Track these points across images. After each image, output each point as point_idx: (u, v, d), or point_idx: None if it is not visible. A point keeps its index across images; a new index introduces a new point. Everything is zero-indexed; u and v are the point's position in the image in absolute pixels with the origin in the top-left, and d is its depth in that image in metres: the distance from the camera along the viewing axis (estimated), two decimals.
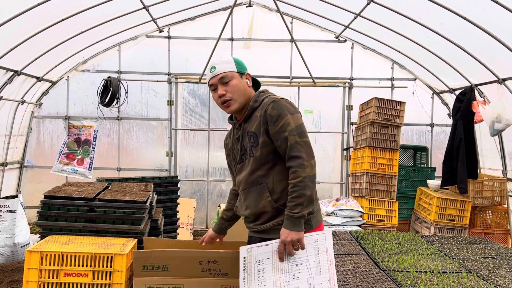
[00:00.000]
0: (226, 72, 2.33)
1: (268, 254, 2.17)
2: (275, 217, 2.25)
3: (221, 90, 2.32)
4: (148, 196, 4.00)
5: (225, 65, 2.35)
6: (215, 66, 2.35)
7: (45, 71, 6.51)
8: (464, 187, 5.92)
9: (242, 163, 2.37)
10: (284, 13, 6.79)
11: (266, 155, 2.24)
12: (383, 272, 3.66)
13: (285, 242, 2.12)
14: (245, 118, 2.34)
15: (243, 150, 2.35)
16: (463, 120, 5.99)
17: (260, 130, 2.25)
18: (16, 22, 4.72)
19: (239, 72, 2.36)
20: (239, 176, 2.39)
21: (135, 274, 2.86)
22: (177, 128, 7.39)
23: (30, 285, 3.19)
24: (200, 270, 2.81)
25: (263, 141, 2.24)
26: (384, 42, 6.76)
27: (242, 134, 2.35)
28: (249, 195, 2.32)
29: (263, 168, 2.26)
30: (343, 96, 7.42)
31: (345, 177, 7.41)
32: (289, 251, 2.13)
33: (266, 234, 2.29)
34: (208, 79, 2.40)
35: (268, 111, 2.21)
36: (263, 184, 2.26)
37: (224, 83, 2.33)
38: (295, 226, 2.13)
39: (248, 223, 2.41)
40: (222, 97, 2.32)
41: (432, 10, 5.04)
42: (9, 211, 5.08)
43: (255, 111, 2.32)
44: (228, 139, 2.55)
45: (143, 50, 7.33)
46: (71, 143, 7.18)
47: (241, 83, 2.35)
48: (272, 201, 2.24)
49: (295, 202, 2.13)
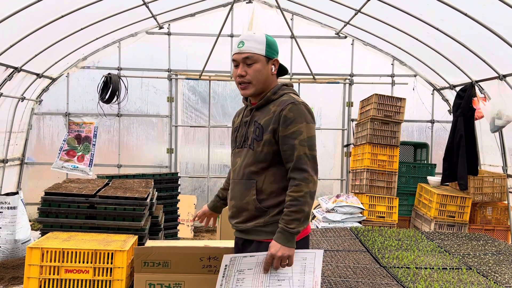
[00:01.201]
0: (252, 53, 2.17)
1: (251, 265, 2.09)
2: (256, 218, 2.17)
3: (242, 70, 2.19)
4: (149, 193, 4.00)
5: (254, 45, 2.18)
6: (243, 42, 2.18)
7: (45, 68, 6.50)
8: (464, 183, 5.92)
9: (239, 149, 2.28)
10: (284, 9, 6.78)
11: (265, 153, 2.15)
12: (383, 268, 3.67)
13: (275, 256, 2.03)
14: (258, 106, 2.23)
15: (245, 137, 2.24)
16: (463, 116, 5.98)
17: (268, 127, 2.14)
18: (16, 19, 4.71)
19: (267, 56, 2.20)
20: (234, 161, 2.30)
21: (136, 271, 2.87)
22: (177, 124, 7.38)
23: (31, 282, 3.20)
24: (201, 266, 2.81)
25: (268, 139, 2.14)
26: (384, 39, 6.74)
27: (250, 121, 2.24)
28: (237, 186, 2.24)
29: (258, 166, 2.17)
30: (344, 93, 7.41)
31: (346, 173, 7.42)
32: (276, 265, 2.05)
33: (247, 234, 2.22)
34: (233, 52, 2.24)
35: (284, 112, 2.11)
36: (253, 181, 2.17)
37: (247, 64, 2.18)
38: (288, 242, 2.04)
39: (230, 218, 2.32)
40: (240, 78, 2.19)
41: (432, 6, 5.03)
42: (10, 208, 5.09)
43: (270, 104, 2.20)
44: (236, 118, 2.43)
45: (143, 47, 7.32)
46: (72, 140, 7.18)
47: (265, 69, 2.20)
48: (257, 200, 2.16)
49: (293, 217, 2.04)
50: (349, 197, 6.09)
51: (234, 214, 2.26)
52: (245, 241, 2.24)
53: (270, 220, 2.15)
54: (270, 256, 2.04)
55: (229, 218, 2.32)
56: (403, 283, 3.31)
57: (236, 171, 2.25)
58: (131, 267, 3.32)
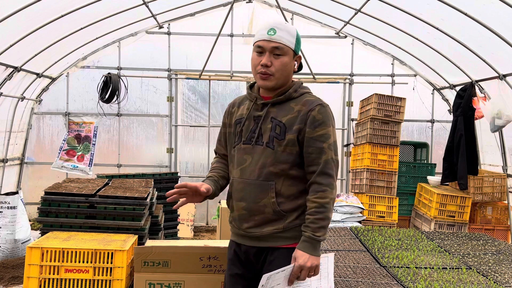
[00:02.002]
0: (284, 44, 2.02)
1: (280, 280, 1.95)
2: (273, 222, 2.04)
3: (268, 59, 2.02)
4: (149, 193, 4.00)
5: (287, 35, 2.04)
6: (275, 30, 2.02)
7: (45, 68, 6.50)
8: (464, 183, 5.92)
9: (247, 146, 2.09)
10: (284, 9, 6.77)
11: (288, 154, 2.03)
12: (383, 268, 3.66)
13: (304, 267, 1.91)
14: (276, 102, 2.08)
15: (258, 134, 2.07)
16: (463, 116, 5.98)
17: (293, 126, 2.02)
18: (16, 18, 4.71)
19: (294, 51, 2.08)
20: (242, 158, 2.10)
21: (136, 270, 2.87)
22: (177, 124, 7.38)
23: (30, 281, 3.20)
24: (201, 266, 2.81)
25: (292, 139, 2.02)
26: (384, 38, 6.74)
27: (265, 116, 2.08)
28: (250, 187, 2.06)
29: (279, 167, 2.03)
30: (344, 92, 7.41)
31: (346, 173, 7.42)
32: (304, 276, 1.93)
33: (262, 241, 2.07)
34: (259, 38, 2.05)
35: (313, 113, 2.02)
36: (272, 182, 2.03)
37: (275, 54, 2.03)
38: (315, 251, 1.94)
39: (239, 222, 2.12)
40: (264, 67, 2.02)
41: (432, 6, 5.02)
42: (10, 208, 5.09)
43: (291, 101, 2.08)
44: (236, 108, 2.22)
45: (143, 46, 7.31)
46: (71, 140, 7.18)
47: (290, 64, 2.07)
48: (276, 203, 2.03)
49: (320, 224, 1.95)
50: (349, 197, 6.09)
51: (245, 217, 2.09)
52: (258, 250, 2.08)
53: (289, 225, 2.05)
54: (299, 267, 1.93)
55: (237, 222, 2.13)
56: (403, 282, 3.31)
57: (249, 171, 2.07)
58: (131, 266, 3.32)
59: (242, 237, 2.13)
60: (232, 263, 2.19)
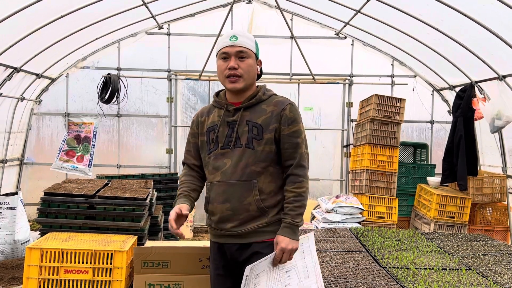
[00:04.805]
0: (246, 48, 2.19)
1: (264, 267, 2.13)
2: (257, 218, 2.16)
3: (235, 62, 2.17)
4: (148, 193, 4.00)
5: (248, 40, 2.21)
6: (237, 36, 2.18)
7: (45, 68, 6.50)
8: (464, 184, 5.92)
9: (225, 150, 2.20)
10: (284, 10, 6.78)
11: (267, 152, 2.17)
12: (383, 269, 3.66)
13: (285, 250, 2.09)
14: (248, 106, 2.21)
15: (234, 137, 2.19)
16: (463, 117, 5.98)
17: (269, 126, 2.17)
18: (16, 19, 4.71)
19: (255, 54, 2.25)
20: (221, 162, 2.21)
21: (136, 271, 2.86)
22: (177, 125, 7.38)
23: (30, 282, 3.20)
24: (201, 267, 2.81)
25: (270, 138, 2.17)
26: (384, 39, 6.75)
27: (240, 121, 2.20)
28: (232, 188, 2.17)
29: (260, 165, 2.17)
30: (343, 93, 7.41)
31: (345, 174, 7.41)
32: (286, 259, 2.11)
33: (245, 238, 2.17)
34: (222, 45, 2.20)
35: (285, 112, 2.18)
36: (254, 181, 2.16)
37: (240, 57, 2.18)
38: (295, 235, 2.13)
39: (220, 223, 2.20)
40: (232, 70, 2.16)
41: (432, 7, 5.03)
42: (9, 208, 5.08)
43: (262, 104, 2.22)
44: (204, 117, 2.32)
45: (143, 47, 7.31)
46: (71, 140, 7.17)
47: (255, 67, 2.24)
48: (260, 200, 2.15)
49: (298, 211, 2.14)
50: (348, 198, 6.09)
51: (229, 217, 2.17)
52: (242, 245, 2.18)
53: (272, 219, 2.18)
54: (281, 250, 2.10)
55: (218, 223, 2.21)
56: (403, 283, 3.31)
57: (229, 173, 2.18)
58: (131, 267, 3.32)
59: (225, 237, 2.23)
60: (217, 262, 2.29)
